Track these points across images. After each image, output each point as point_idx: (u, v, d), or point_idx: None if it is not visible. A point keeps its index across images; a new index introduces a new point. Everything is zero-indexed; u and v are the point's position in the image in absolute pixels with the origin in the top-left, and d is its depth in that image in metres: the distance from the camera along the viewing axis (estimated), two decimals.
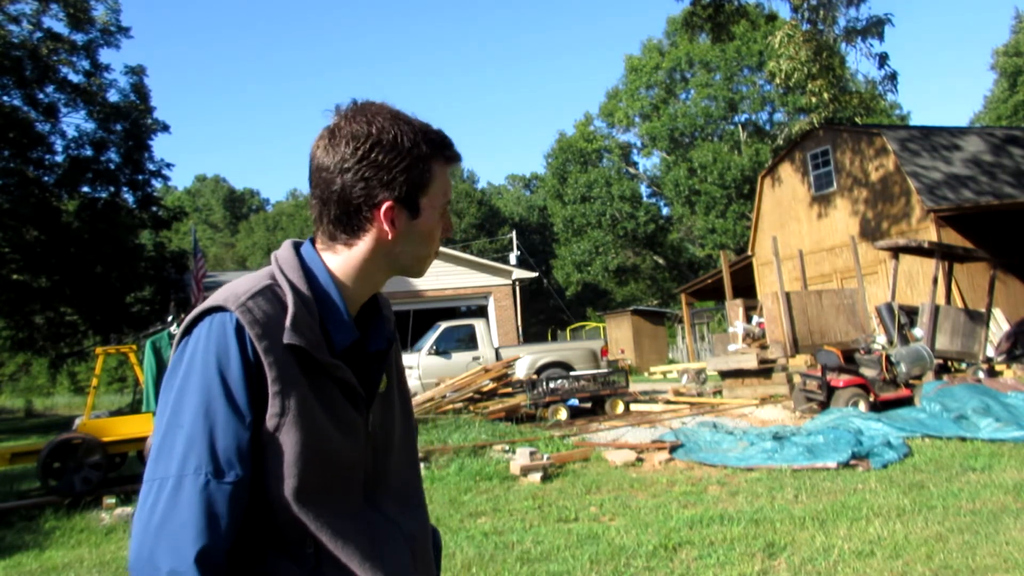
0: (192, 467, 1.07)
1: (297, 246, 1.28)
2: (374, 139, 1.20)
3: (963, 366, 12.31)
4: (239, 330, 1.13)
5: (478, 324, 15.71)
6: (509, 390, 13.04)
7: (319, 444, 1.17)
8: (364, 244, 1.24)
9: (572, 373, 13.93)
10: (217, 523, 1.07)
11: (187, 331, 1.17)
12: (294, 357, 1.16)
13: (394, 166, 1.20)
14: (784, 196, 19.67)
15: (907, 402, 10.21)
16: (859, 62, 62.19)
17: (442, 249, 23.37)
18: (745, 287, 20.33)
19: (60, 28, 21.93)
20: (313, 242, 1.29)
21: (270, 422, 1.14)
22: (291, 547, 1.16)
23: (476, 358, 14.75)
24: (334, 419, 1.20)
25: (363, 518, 1.24)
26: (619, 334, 27.84)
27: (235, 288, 1.19)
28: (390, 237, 1.24)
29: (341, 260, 1.26)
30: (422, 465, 7.68)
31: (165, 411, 1.12)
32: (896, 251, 13.04)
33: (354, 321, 1.28)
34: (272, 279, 1.21)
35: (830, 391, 10.21)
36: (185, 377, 1.12)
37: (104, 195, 23.64)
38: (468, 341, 15.26)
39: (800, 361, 14.13)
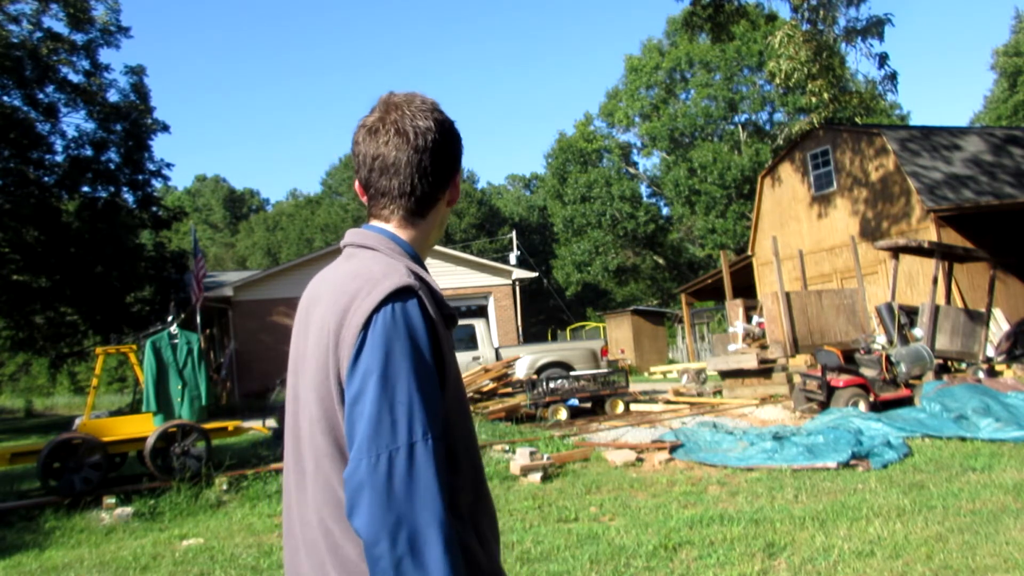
0: (420, 434, 1.19)
1: (374, 230, 1.44)
2: (442, 128, 1.42)
3: (963, 366, 12.30)
4: (423, 309, 1.27)
5: (478, 324, 15.70)
6: (509, 390, 13.04)
7: (466, 401, 1.36)
8: (433, 216, 1.45)
9: (572, 373, 13.93)
10: (447, 477, 1.21)
11: (374, 315, 1.25)
12: (445, 325, 1.33)
13: (457, 148, 1.46)
14: (784, 196, 19.67)
15: (907, 402, 10.21)
16: (859, 62, 62.18)
17: (442, 249, 23.41)
18: (745, 287, 20.32)
19: (60, 28, 21.92)
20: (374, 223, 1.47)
21: (449, 389, 1.30)
22: (455, 501, 1.28)
23: (476, 358, 14.75)
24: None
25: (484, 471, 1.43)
26: (619, 334, 27.83)
27: (396, 270, 1.31)
28: (452, 202, 1.47)
29: (416, 235, 1.44)
30: None
31: (371, 392, 1.22)
32: (896, 251, 13.04)
33: None
34: (398, 260, 1.36)
35: (830, 391, 10.20)
36: (386, 356, 1.23)
37: (104, 195, 23.61)
38: (468, 341, 15.25)
39: (800, 361, 14.13)
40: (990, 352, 13.20)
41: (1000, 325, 14.55)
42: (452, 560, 1.16)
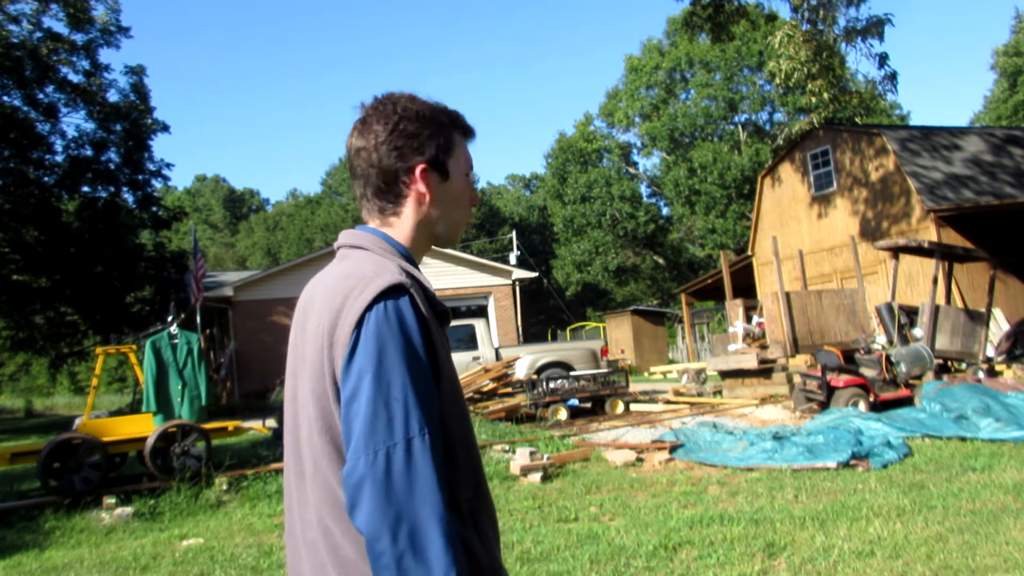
0: (416, 429, 1.20)
1: (367, 231, 1.44)
2: (400, 114, 1.41)
3: (963, 366, 12.30)
4: (415, 307, 1.28)
5: (478, 324, 15.70)
6: (509, 390, 13.04)
7: (462, 400, 1.36)
8: (407, 211, 1.43)
9: (572, 373, 13.92)
10: (445, 472, 1.22)
11: (362, 317, 1.25)
12: (438, 323, 1.34)
13: (421, 133, 1.41)
14: (784, 196, 19.67)
15: (907, 402, 10.21)
16: (859, 62, 62.05)
17: (442, 249, 23.39)
18: (745, 287, 20.32)
19: (60, 28, 21.92)
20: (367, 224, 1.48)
21: (444, 386, 1.30)
22: (455, 497, 1.28)
23: (476, 358, 14.75)
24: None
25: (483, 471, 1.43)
26: (619, 334, 27.83)
27: (386, 268, 1.32)
28: (427, 199, 1.42)
29: (403, 233, 1.43)
30: None
31: (367, 390, 1.22)
32: (896, 251, 13.04)
33: None
34: (389, 259, 1.36)
35: (830, 391, 10.20)
36: (379, 354, 1.23)
37: (104, 195, 23.61)
38: (468, 341, 15.25)
39: (800, 361, 14.12)
40: (990, 352, 13.20)
41: (1000, 325, 14.55)
42: (454, 554, 1.17)
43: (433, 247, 1.54)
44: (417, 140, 1.41)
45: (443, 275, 21.67)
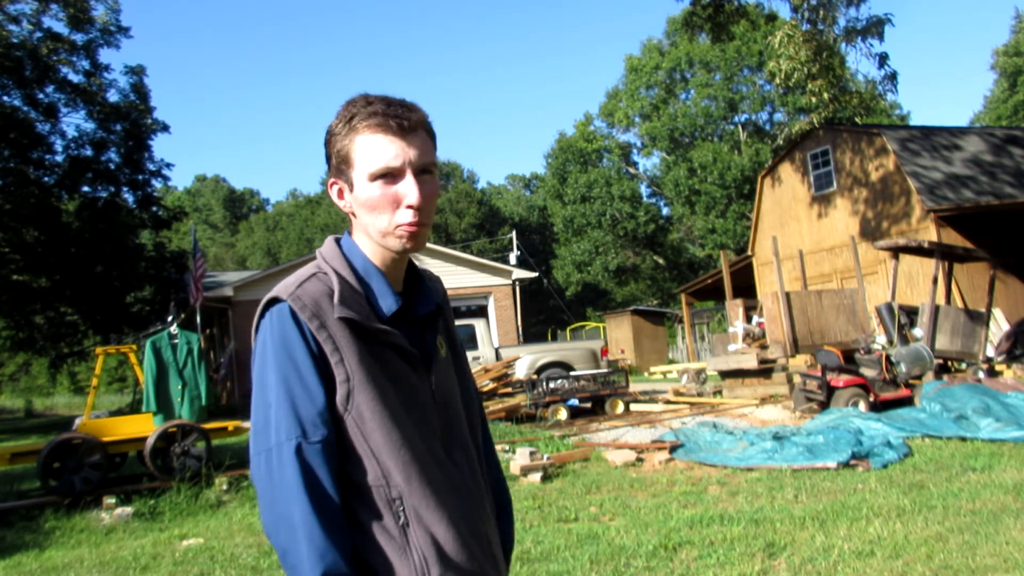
0: (284, 435, 1.28)
1: (337, 239, 1.48)
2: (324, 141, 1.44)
3: (963, 366, 12.30)
4: (294, 315, 1.32)
5: (478, 324, 15.70)
6: (509, 390, 13.04)
7: (389, 401, 1.34)
8: (355, 221, 1.44)
9: (572, 373, 13.92)
10: (316, 477, 1.27)
11: (256, 326, 1.37)
12: (347, 329, 1.33)
13: (328, 154, 1.43)
14: (784, 196, 19.67)
15: (907, 402, 10.21)
16: (859, 62, 62.08)
17: (442, 249, 23.37)
18: (745, 287, 20.32)
19: (60, 28, 21.94)
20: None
21: (341, 389, 1.32)
22: (380, 505, 1.33)
23: (476, 358, 14.75)
24: (393, 380, 1.36)
25: (442, 471, 1.39)
26: (619, 334, 27.83)
27: (287, 281, 1.39)
28: (347, 209, 1.44)
29: (359, 240, 1.45)
30: None
31: (254, 395, 1.34)
32: (896, 251, 13.04)
33: (401, 292, 1.46)
34: (317, 268, 1.41)
35: (830, 391, 10.20)
36: (262, 364, 1.33)
37: (104, 195, 23.62)
38: (468, 341, 15.24)
39: (800, 361, 14.12)
40: (990, 352, 13.19)
41: (1000, 325, 14.54)
42: (319, 555, 1.24)
43: (432, 246, 1.54)
44: (328, 161, 1.44)
45: (443, 275, 21.39)
